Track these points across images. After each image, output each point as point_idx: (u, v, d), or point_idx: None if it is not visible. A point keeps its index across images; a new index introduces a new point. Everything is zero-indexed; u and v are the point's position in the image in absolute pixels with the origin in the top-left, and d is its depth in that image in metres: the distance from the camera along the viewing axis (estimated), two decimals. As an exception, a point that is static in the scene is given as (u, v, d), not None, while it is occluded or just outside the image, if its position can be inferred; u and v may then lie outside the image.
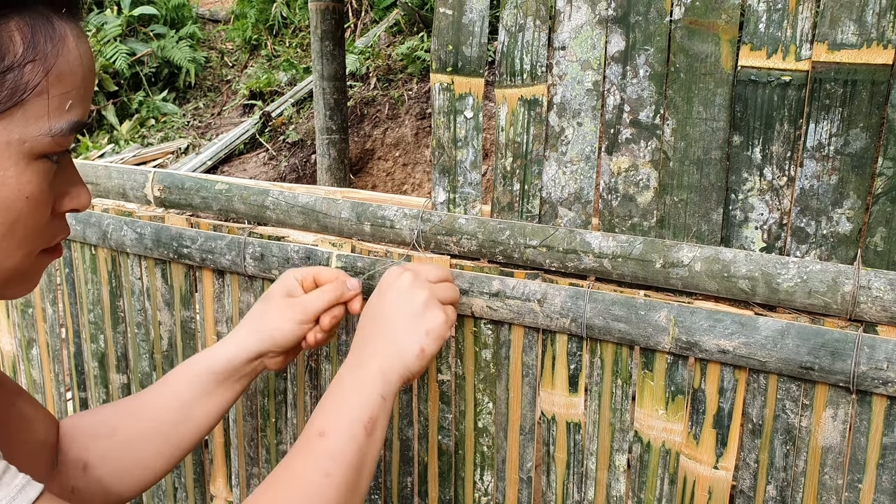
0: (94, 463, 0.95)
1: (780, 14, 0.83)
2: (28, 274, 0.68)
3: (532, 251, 1.01)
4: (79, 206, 0.70)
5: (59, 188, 0.68)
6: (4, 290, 0.68)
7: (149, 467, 0.98)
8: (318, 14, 4.12)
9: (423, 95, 5.23)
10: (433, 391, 1.14)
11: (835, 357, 0.84)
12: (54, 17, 0.63)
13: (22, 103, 0.59)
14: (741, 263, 0.89)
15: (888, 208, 0.82)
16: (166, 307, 1.38)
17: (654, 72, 0.91)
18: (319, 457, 0.79)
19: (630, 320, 0.95)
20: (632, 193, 0.96)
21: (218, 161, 5.59)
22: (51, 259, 0.71)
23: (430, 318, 0.89)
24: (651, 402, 0.98)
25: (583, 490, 1.05)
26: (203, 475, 1.45)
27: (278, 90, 6.26)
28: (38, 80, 0.60)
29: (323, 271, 1.03)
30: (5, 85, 0.58)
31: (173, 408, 0.98)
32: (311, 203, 1.18)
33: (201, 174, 1.35)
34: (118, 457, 0.96)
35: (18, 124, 0.60)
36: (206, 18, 7.71)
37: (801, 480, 0.90)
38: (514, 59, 0.99)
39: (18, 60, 0.59)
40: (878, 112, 0.81)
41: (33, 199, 0.63)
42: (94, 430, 0.98)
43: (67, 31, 0.63)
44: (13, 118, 0.60)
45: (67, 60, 0.63)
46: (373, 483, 1.24)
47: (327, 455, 0.79)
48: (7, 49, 0.58)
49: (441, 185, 1.08)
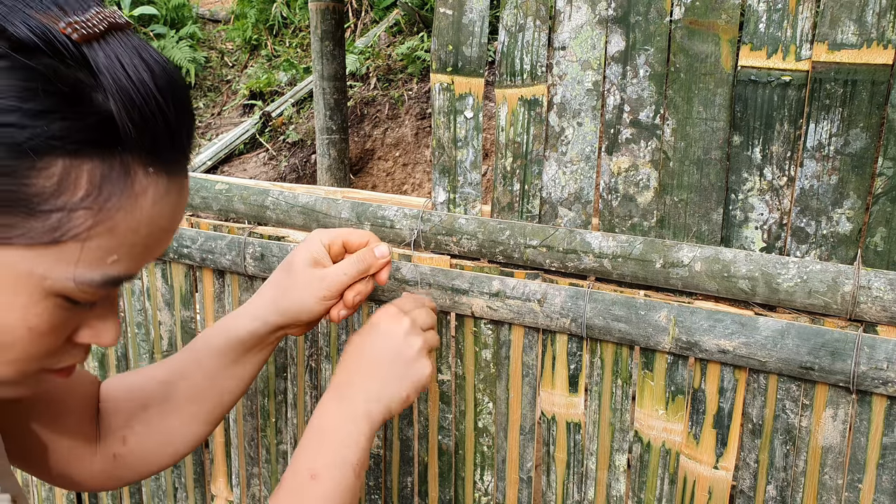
0: (131, 437, 0.96)
1: (780, 14, 0.83)
2: (18, 385, 0.62)
3: (532, 251, 1.01)
4: (99, 343, 0.63)
5: (81, 321, 0.62)
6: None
7: (186, 436, 0.98)
8: (318, 14, 4.12)
9: (423, 95, 5.23)
10: (433, 391, 1.14)
11: (835, 357, 0.84)
12: (141, 170, 0.55)
13: (57, 243, 0.54)
14: (741, 263, 0.89)
15: (888, 208, 0.82)
16: (166, 307, 1.38)
17: (654, 72, 0.91)
18: (312, 500, 0.80)
19: (630, 320, 0.95)
20: (632, 193, 0.96)
21: (218, 161, 5.59)
22: (53, 378, 0.64)
23: (420, 368, 0.90)
24: (651, 402, 0.98)
25: (583, 490, 1.05)
26: (203, 475, 1.45)
27: (278, 90, 6.26)
28: (83, 228, 0.54)
29: (352, 235, 0.97)
30: (48, 222, 0.53)
31: (202, 379, 0.97)
32: (311, 203, 1.18)
33: (201, 174, 1.35)
34: (154, 430, 0.97)
35: (47, 261, 0.54)
36: (206, 18, 7.71)
37: (801, 480, 0.90)
38: (514, 59, 0.99)
39: (72, 204, 0.53)
40: (878, 112, 0.81)
41: (36, 332, 0.57)
42: (131, 402, 0.97)
43: (149, 189, 0.56)
44: (44, 254, 0.54)
45: (132, 218, 0.56)
46: (373, 483, 1.24)
47: (320, 498, 0.80)
48: (66, 188, 0.53)
49: (441, 185, 1.08)
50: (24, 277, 0.54)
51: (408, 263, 1.09)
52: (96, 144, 0.53)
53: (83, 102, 0.52)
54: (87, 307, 0.60)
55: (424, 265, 1.08)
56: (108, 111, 0.53)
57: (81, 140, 0.52)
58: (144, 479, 0.97)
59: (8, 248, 0.53)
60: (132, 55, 0.54)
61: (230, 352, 0.97)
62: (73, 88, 0.51)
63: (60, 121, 0.51)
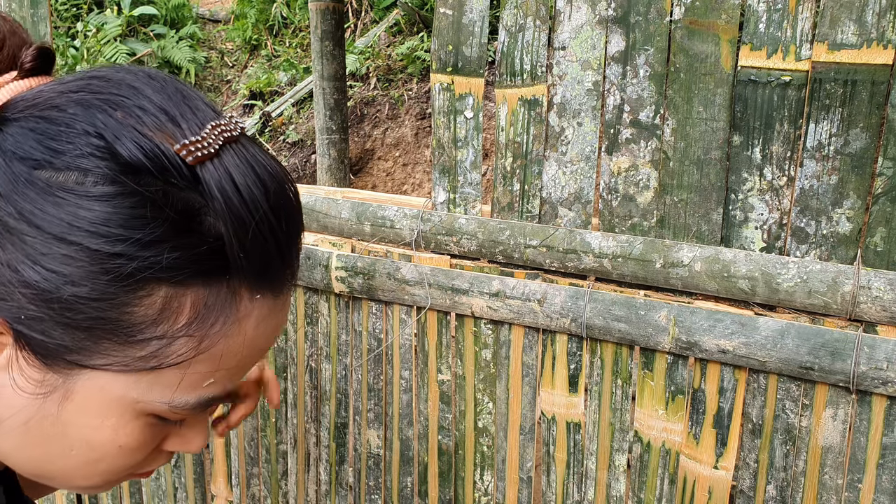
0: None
1: (780, 14, 0.83)
2: (103, 487, 0.61)
3: (532, 251, 1.01)
4: (186, 451, 0.60)
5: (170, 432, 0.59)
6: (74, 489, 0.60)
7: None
8: (318, 14, 4.12)
9: (423, 95, 5.23)
10: (433, 391, 1.14)
11: (835, 357, 0.84)
12: (248, 294, 0.52)
13: (155, 370, 0.51)
14: (741, 263, 0.89)
15: (888, 208, 0.82)
16: (166, 307, 1.38)
17: (654, 72, 0.91)
18: None
19: (630, 320, 0.95)
20: (632, 193, 0.96)
21: (218, 161, 5.57)
22: (136, 478, 0.63)
23: None
24: (651, 402, 0.98)
25: (583, 490, 1.05)
26: (203, 475, 1.45)
27: (278, 90, 6.26)
28: (184, 356, 0.51)
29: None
30: (147, 350, 0.50)
31: None
32: (312, 203, 1.18)
33: (201, 174, 1.35)
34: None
35: (143, 386, 0.52)
36: (206, 18, 7.71)
37: (801, 480, 0.90)
38: (514, 59, 0.99)
39: (173, 332, 0.50)
40: (878, 112, 0.81)
41: (126, 449, 0.55)
42: None
43: (253, 312, 0.53)
44: (141, 380, 0.52)
45: (233, 343, 0.53)
46: (373, 483, 1.24)
47: None
48: (168, 316, 0.50)
49: (441, 185, 1.08)
50: (117, 401, 0.52)
51: (408, 263, 1.09)
52: (204, 273, 0.50)
53: (193, 230, 0.48)
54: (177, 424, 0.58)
55: (424, 265, 1.08)
56: (218, 238, 0.49)
57: (189, 268, 0.49)
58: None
59: (103, 372, 0.50)
60: (246, 171, 0.50)
61: None
62: (183, 215, 0.48)
63: (170, 251, 0.47)
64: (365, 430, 1.22)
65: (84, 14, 7.03)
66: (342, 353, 1.22)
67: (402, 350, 1.15)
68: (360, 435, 1.23)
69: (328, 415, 1.24)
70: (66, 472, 0.56)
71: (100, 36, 6.61)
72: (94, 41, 6.59)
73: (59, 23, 7.02)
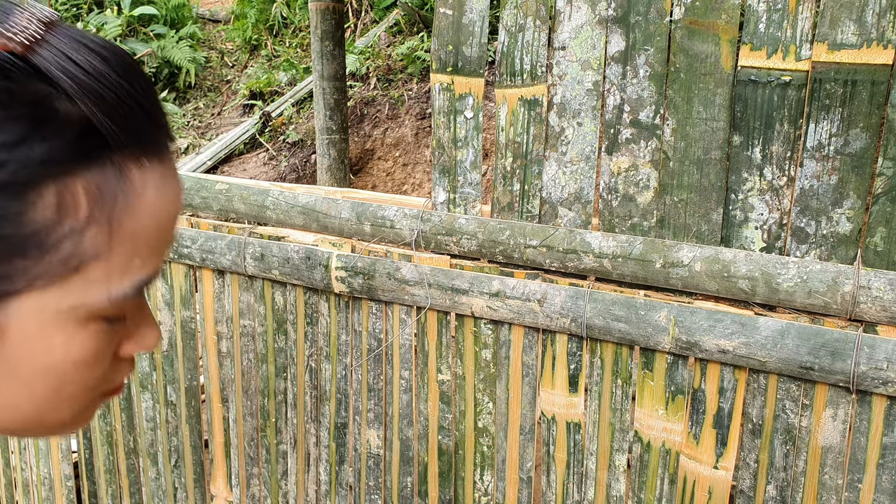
0: None
1: (780, 14, 0.83)
2: (77, 419, 0.60)
3: (532, 251, 1.01)
4: (144, 349, 0.59)
5: (121, 335, 0.59)
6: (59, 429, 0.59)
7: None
8: (318, 14, 4.12)
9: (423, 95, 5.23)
10: (433, 391, 1.14)
11: (835, 357, 0.84)
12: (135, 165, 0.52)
13: (78, 270, 0.51)
14: (741, 263, 0.89)
15: (888, 208, 0.82)
16: (166, 307, 1.38)
17: (654, 72, 0.91)
18: None
19: (630, 320, 0.95)
20: (632, 193, 0.96)
21: (218, 161, 5.59)
22: (108, 399, 0.62)
23: None
24: (651, 402, 0.98)
25: (583, 490, 1.05)
26: (203, 475, 1.45)
27: (278, 90, 6.26)
28: (101, 246, 0.51)
29: None
30: (62, 252, 0.49)
31: None
32: (312, 203, 1.18)
33: (201, 174, 1.35)
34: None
35: (73, 291, 0.51)
36: (206, 18, 7.71)
37: (801, 480, 0.90)
38: (514, 59, 0.99)
39: (81, 226, 0.49)
40: (878, 112, 0.81)
41: (82, 363, 0.55)
42: None
43: (148, 183, 0.53)
44: (69, 286, 0.51)
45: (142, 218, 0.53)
46: (373, 483, 1.24)
47: None
48: (67, 212, 0.49)
49: (441, 185, 1.08)
50: (56, 316, 0.51)
51: (408, 263, 1.09)
52: (83, 156, 0.49)
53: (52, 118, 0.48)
54: (122, 322, 0.58)
55: (424, 265, 1.08)
56: (81, 118, 0.48)
57: (66, 157, 0.48)
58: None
59: (30, 294, 0.49)
60: (78, 47, 0.50)
61: None
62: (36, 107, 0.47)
63: (39, 146, 0.46)
64: (365, 430, 1.22)
65: (84, 14, 7.03)
66: (342, 353, 1.22)
67: (402, 350, 1.15)
68: (360, 435, 1.23)
69: (328, 415, 1.24)
70: (36, 414, 0.56)
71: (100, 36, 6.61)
72: (94, 41, 6.58)
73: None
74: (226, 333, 1.33)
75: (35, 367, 0.52)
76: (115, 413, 1.54)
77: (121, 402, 1.52)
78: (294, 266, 1.18)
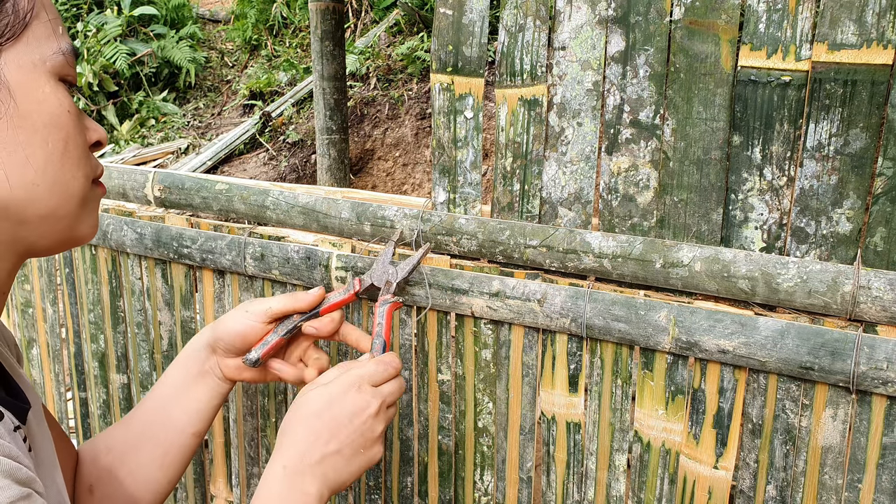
0: (97, 483, 0.95)
1: (780, 14, 0.83)
2: (90, 204, 0.73)
3: (532, 251, 1.01)
4: (101, 139, 0.74)
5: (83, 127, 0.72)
6: (78, 225, 0.72)
7: (148, 478, 0.96)
8: (318, 14, 4.12)
9: (423, 95, 5.23)
10: (433, 391, 1.14)
11: (835, 357, 0.84)
12: None
13: (27, 26, 0.65)
14: (741, 263, 0.89)
15: (888, 208, 0.82)
16: (166, 307, 1.38)
17: (654, 72, 0.91)
18: None
19: (630, 320, 0.95)
20: (632, 193, 0.96)
21: (218, 161, 5.59)
22: (100, 193, 0.75)
23: (376, 453, 0.88)
24: (651, 402, 0.98)
25: (583, 490, 1.05)
26: (203, 475, 1.45)
27: (278, 90, 6.26)
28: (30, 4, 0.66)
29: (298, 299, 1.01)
30: (5, 11, 0.64)
31: (156, 410, 0.98)
32: (312, 203, 1.18)
33: (201, 174, 1.35)
34: (119, 469, 0.96)
35: (32, 45, 0.66)
36: (206, 18, 7.71)
37: (801, 480, 0.90)
38: (514, 59, 0.99)
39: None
40: (878, 112, 0.81)
41: (73, 114, 0.69)
42: (97, 449, 0.97)
43: None
44: (26, 40, 0.65)
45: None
46: (373, 483, 1.24)
47: None
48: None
49: (441, 185, 1.08)
50: (32, 69, 0.66)
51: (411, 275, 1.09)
52: None
53: None
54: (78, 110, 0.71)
55: (424, 265, 1.08)
56: None
57: None
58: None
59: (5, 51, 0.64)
60: None
61: (176, 379, 0.99)
62: None
63: None
64: (365, 430, 1.22)
65: (84, 14, 7.02)
66: (342, 355, 1.22)
67: (402, 350, 1.15)
68: (360, 435, 1.23)
69: (328, 415, 1.24)
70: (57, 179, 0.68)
71: (100, 36, 6.61)
72: (95, 41, 6.59)
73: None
74: (226, 333, 1.33)
75: (43, 117, 0.67)
76: (115, 413, 1.54)
77: (121, 402, 1.52)
78: (294, 266, 1.18)
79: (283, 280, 1.21)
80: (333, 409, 0.86)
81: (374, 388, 0.89)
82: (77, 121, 0.70)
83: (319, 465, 0.83)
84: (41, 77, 0.66)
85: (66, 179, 0.69)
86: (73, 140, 0.69)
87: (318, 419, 0.85)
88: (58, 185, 0.68)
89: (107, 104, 6.52)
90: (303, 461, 0.83)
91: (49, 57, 0.67)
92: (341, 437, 0.85)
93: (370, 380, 0.89)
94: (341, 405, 0.86)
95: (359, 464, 0.86)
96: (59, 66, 0.68)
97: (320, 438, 0.84)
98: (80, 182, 0.70)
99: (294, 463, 0.82)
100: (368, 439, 0.87)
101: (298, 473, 0.82)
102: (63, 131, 0.68)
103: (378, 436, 0.88)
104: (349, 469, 0.85)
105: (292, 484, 0.81)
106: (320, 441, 0.84)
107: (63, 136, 0.68)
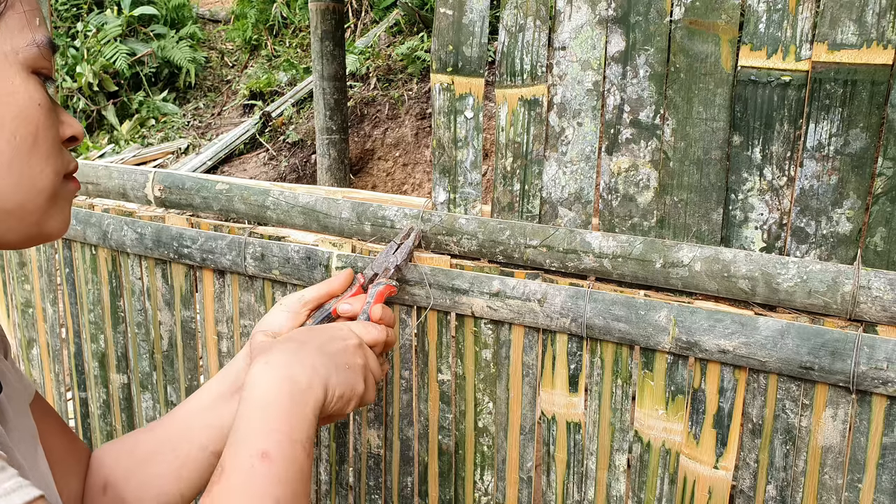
0: (114, 482, 0.94)
1: (780, 14, 0.83)
2: (60, 200, 0.71)
3: (532, 251, 1.01)
4: (76, 134, 0.73)
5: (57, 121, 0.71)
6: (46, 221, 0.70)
7: (161, 490, 0.94)
8: (318, 14, 4.12)
9: (423, 95, 5.23)
10: (433, 391, 1.14)
11: (835, 357, 0.84)
12: None
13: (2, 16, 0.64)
14: (741, 263, 0.89)
15: (888, 208, 0.82)
16: (166, 307, 1.38)
17: (654, 72, 0.91)
18: (267, 484, 0.72)
19: (630, 320, 0.95)
20: (632, 193, 0.96)
21: (218, 161, 5.59)
22: (72, 189, 0.74)
23: (358, 380, 0.87)
24: (651, 402, 0.98)
25: (583, 490, 1.05)
26: (203, 475, 1.45)
27: (278, 90, 6.26)
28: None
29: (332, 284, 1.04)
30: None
31: (181, 420, 0.97)
32: (312, 203, 1.19)
33: (201, 174, 1.35)
34: (136, 474, 0.94)
35: (5, 36, 0.65)
36: (206, 18, 7.72)
37: (801, 480, 0.91)
38: (514, 59, 0.99)
39: None
40: (878, 112, 0.81)
41: (45, 107, 0.67)
42: (120, 450, 0.96)
43: None
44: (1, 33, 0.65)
45: None
46: (373, 483, 1.24)
47: (275, 480, 0.72)
48: None
49: (441, 185, 1.08)
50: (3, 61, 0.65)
51: (408, 263, 1.09)
52: None
53: None
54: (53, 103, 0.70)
55: (425, 265, 1.08)
56: None
57: None
58: None
59: None
60: None
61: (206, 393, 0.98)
62: None
63: None
64: (365, 430, 1.22)
65: (84, 14, 7.02)
66: (342, 353, 1.22)
67: (402, 350, 1.15)
68: (360, 435, 1.23)
69: (328, 415, 1.24)
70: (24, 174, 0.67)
71: (100, 36, 6.61)
72: (94, 41, 6.59)
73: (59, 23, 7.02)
74: (226, 333, 1.33)
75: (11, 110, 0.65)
76: (115, 413, 1.54)
77: (121, 402, 1.52)
78: (294, 266, 1.18)
79: (284, 280, 1.21)
80: (309, 333, 0.88)
81: (351, 327, 0.92)
82: (48, 115, 0.68)
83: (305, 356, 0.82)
84: (11, 69, 0.66)
85: (33, 174, 0.68)
86: (44, 134, 0.68)
87: (290, 339, 0.86)
88: (25, 180, 0.67)
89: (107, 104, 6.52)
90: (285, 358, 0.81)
91: (22, 49, 0.66)
92: (321, 342, 0.85)
93: (347, 324, 0.93)
94: (318, 331, 0.89)
95: (346, 378, 0.84)
96: (33, 59, 0.67)
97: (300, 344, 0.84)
98: (48, 178, 0.69)
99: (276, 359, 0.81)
100: (352, 362, 0.86)
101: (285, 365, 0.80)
102: (32, 125, 0.67)
103: (362, 366, 0.87)
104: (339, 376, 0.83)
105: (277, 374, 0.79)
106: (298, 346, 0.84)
107: (32, 130, 0.67)
